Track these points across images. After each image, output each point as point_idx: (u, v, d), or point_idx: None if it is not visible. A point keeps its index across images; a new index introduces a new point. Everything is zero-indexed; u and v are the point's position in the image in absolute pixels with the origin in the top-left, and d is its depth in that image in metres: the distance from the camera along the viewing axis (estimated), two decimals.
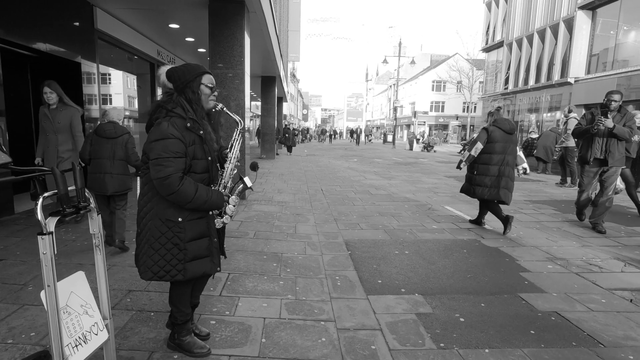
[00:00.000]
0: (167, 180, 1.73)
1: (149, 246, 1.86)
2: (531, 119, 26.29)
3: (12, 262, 3.30)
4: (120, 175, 3.61)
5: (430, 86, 46.13)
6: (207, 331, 2.28)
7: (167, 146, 1.74)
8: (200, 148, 1.86)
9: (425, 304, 2.85)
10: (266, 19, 7.34)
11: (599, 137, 4.65)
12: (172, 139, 1.75)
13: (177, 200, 1.78)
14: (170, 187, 1.74)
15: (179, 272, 1.88)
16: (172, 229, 1.85)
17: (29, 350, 2.06)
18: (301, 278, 3.20)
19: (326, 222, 5.14)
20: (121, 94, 8.65)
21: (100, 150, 3.55)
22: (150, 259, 1.86)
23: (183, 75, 1.86)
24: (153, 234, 1.85)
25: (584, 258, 3.93)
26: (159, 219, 1.85)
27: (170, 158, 1.74)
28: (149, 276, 1.88)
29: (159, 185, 1.76)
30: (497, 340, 2.38)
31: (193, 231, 1.89)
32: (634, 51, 17.89)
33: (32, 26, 5.34)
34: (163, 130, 1.76)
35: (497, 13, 30.93)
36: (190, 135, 1.82)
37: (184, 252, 1.87)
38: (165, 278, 1.88)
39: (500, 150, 4.63)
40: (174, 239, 1.85)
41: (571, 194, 7.83)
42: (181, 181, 1.76)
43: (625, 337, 2.44)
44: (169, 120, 1.79)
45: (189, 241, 1.88)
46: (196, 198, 1.79)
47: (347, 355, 2.15)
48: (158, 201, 1.84)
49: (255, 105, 26.59)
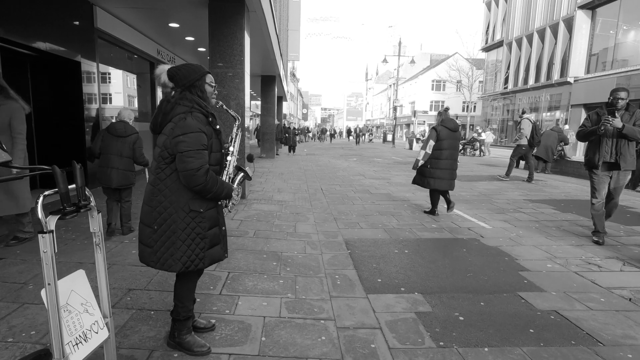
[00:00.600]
0: (198, 171, 1.83)
1: (176, 238, 1.92)
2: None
3: (12, 261, 3.30)
4: (125, 171, 4.00)
5: (430, 85, 46.15)
6: (212, 322, 2.36)
7: (196, 139, 1.84)
8: (217, 141, 1.99)
9: (425, 303, 2.85)
10: (266, 18, 7.33)
11: (607, 139, 4.24)
12: (199, 132, 1.85)
13: (203, 191, 1.88)
14: (200, 179, 1.84)
15: (201, 260, 1.98)
16: (195, 220, 1.94)
17: (29, 349, 2.06)
18: (301, 277, 3.21)
19: (326, 221, 5.14)
20: (121, 93, 8.64)
21: (109, 147, 3.94)
22: (179, 251, 1.93)
23: (189, 74, 1.95)
24: (179, 226, 1.91)
25: (583, 257, 3.94)
26: (182, 211, 1.91)
27: (200, 150, 1.84)
28: (179, 267, 1.94)
29: (188, 176, 1.83)
30: (496, 339, 2.39)
31: (210, 221, 2.00)
32: (634, 51, 17.91)
33: (31, 25, 5.33)
34: (190, 124, 1.85)
35: (497, 12, 30.94)
36: (209, 129, 1.93)
37: (205, 241, 1.98)
38: (190, 268, 1.96)
39: (447, 147, 5.27)
40: (196, 229, 1.95)
41: (570, 193, 7.84)
42: (207, 173, 1.86)
43: (624, 336, 2.45)
44: (191, 115, 1.88)
45: (208, 230, 1.99)
46: (218, 189, 1.92)
47: (346, 354, 2.15)
48: (180, 194, 1.91)
49: (255, 105, 26.59)
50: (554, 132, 11.28)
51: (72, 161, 1.57)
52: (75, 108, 6.58)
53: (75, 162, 1.55)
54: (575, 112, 21.18)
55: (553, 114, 23.77)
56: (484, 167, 13.24)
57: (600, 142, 4.29)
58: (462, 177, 10.29)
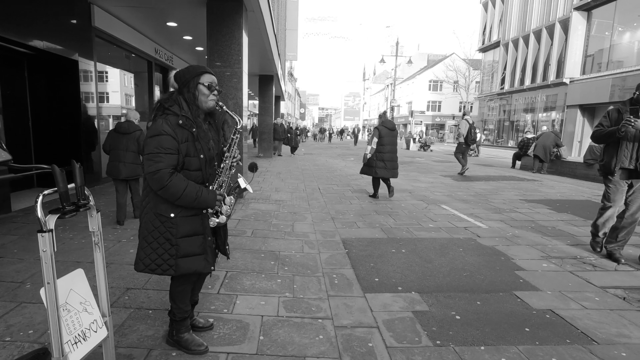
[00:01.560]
0: (156, 174, 1.78)
1: (143, 239, 1.92)
2: (527, 119, 26.43)
3: (9, 260, 3.30)
4: (131, 164, 4.56)
5: (427, 86, 46.26)
6: (211, 321, 2.36)
7: (159, 142, 1.79)
8: (193, 145, 1.88)
9: (422, 302, 2.87)
10: (264, 17, 7.34)
11: (628, 142, 3.66)
12: (164, 135, 1.80)
13: (166, 195, 1.82)
14: (160, 182, 1.78)
15: (170, 267, 1.92)
16: (165, 224, 1.89)
17: (27, 348, 2.06)
18: (299, 276, 3.22)
19: (323, 220, 5.16)
20: (118, 92, 8.62)
21: (117, 143, 4.54)
22: (143, 251, 1.92)
23: (184, 75, 1.92)
24: (147, 227, 1.91)
25: (578, 257, 3.97)
26: (153, 214, 1.90)
27: (160, 154, 1.78)
28: (141, 268, 1.94)
29: (150, 179, 1.81)
30: (492, 337, 2.41)
31: (186, 228, 1.92)
32: (629, 52, 18.04)
33: (29, 23, 5.31)
34: (157, 127, 1.82)
35: (494, 13, 31.05)
36: (183, 132, 1.85)
37: (176, 248, 1.91)
38: (156, 271, 1.92)
39: (388, 143, 6.59)
40: (166, 234, 1.90)
41: (566, 193, 7.90)
42: (170, 177, 1.79)
43: (618, 335, 2.48)
44: (164, 118, 1.85)
45: (181, 237, 1.91)
46: (185, 195, 1.81)
47: (344, 353, 2.17)
48: (153, 196, 1.89)
49: (252, 104, 26.55)
50: (552, 133, 11.60)
51: (71, 160, 1.57)
52: (72, 107, 6.57)
53: (75, 162, 1.56)
54: (571, 112, 21.31)
55: (549, 114, 23.90)
56: (480, 167, 13.30)
57: (620, 145, 3.71)
58: (459, 178, 10.34)
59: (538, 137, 12.01)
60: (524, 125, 25.66)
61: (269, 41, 9.35)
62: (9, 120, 5.61)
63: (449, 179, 9.94)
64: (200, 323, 2.31)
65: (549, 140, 11.28)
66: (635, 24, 17.71)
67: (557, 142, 11.45)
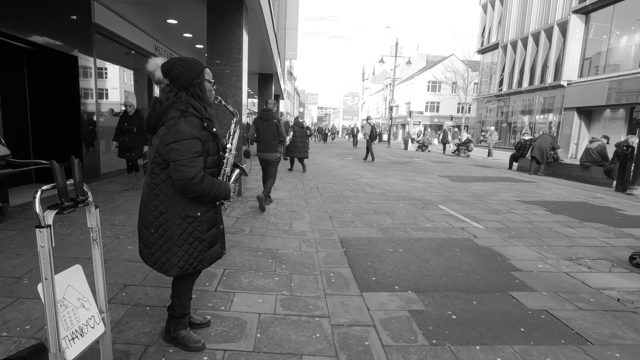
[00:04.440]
0: (193, 180, 1.77)
1: (173, 244, 1.89)
2: (524, 120, 26.53)
3: (6, 256, 3.29)
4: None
5: (426, 86, 46.32)
6: (208, 318, 2.38)
7: (190, 147, 1.76)
8: (214, 145, 1.94)
9: (418, 301, 2.89)
10: (264, 15, 7.33)
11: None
12: (192, 139, 1.78)
13: (200, 197, 1.85)
14: (196, 187, 1.79)
15: (200, 262, 1.97)
16: (192, 224, 1.92)
17: (24, 343, 2.06)
18: (296, 274, 3.23)
19: (321, 219, 5.16)
20: (117, 89, 8.59)
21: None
22: (176, 256, 1.90)
23: (187, 72, 1.84)
24: (175, 232, 1.88)
25: (574, 258, 4.00)
26: (179, 217, 1.88)
27: (193, 159, 1.77)
28: (176, 272, 1.93)
29: (183, 185, 1.78)
30: (488, 337, 2.43)
31: (209, 223, 1.98)
32: (626, 56, 18.13)
33: (28, 18, 5.29)
34: (183, 131, 1.76)
35: (493, 15, 31.14)
36: (205, 133, 1.86)
37: (203, 244, 1.96)
38: (189, 271, 1.95)
39: (299, 135, 10.34)
40: (194, 234, 1.93)
41: (562, 195, 7.94)
42: (202, 179, 1.81)
43: (612, 336, 2.50)
44: (186, 121, 1.79)
45: (206, 232, 1.97)
46: (215, 192, 1.89)
47: (340, 351, 2.18)
48: (176, 200, 1.87)
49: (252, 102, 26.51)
50: (549, 136, 11.78)
51: (70, 156, 1.57)
52: (71, 103, 6.55)
53: (74, 157, 1.56)
54: (568, 115, 21.42)
55: (546, 116, 24.00)
56: (478, 168, 13.34)
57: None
58: (456, 178, 10.37)
59: (535, 139, 12.10)
60: (522, 127, 25.77)
61: (269, 39, 9.34)
62: (8, 115, 5.59)
63: (446, 180, 9.97)
64: (197, 320, 2.32)
65: (546, 143, 11.38)
66: (632, 27, 17.81)
67: (553, 145, 11.54)
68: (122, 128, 6.26)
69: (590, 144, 10.53)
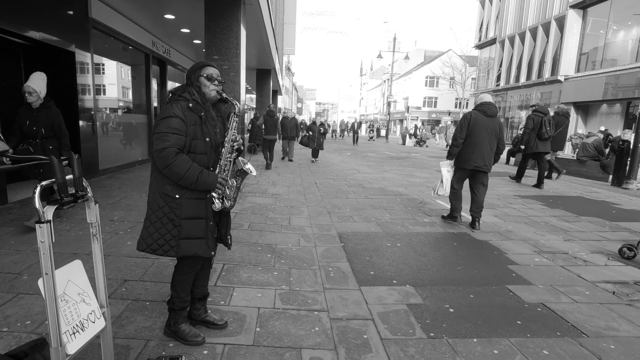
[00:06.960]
0: (162, 152, 1.84)
1: (147, 218, 1.98)
2: (521, 115, 26.54)
3: (6, 251, 3.29)
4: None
5: (424, 82, 46.28)
6: (225, 320, 2.32)
7: (168, 123, 1.88)
8: (200, 129, 1.98)
9: (416, 295, 2.91)
10: (262, 10, 7.30)
11: None
12: (174, 117, 1.89)
13: (170, 174, 1.88)
14: (165, 160, 1.85)
15: (172, 247, 1.96)
16: (169, 204, 1.95)
17: (24, 339, 2.07)
18: (295, 269, 3.25)
19: (320, 214, 5.18)
20: (115, 85, 8.55)
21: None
22: (146, 231, 1.97)
23: (190, 70, 2.09)
24: (151, 207, 1.97)
25: (570, 252, 4.04)
26: (158, 194, 1.96)
27: (168, 133, 1.86)
28: (143, 247, 1.98)
29: (156, 157, 1.87)
30: (485, 330, 2.46)
31: (189, 210, 1.97)
32: (623, 50, 18.14)
33: (24, 13, 5.24)
34: (168, 110, 1.93)
35: (491, 10, 31.04)
36: (192, 115, 1.95)
37: (178, 229, 1.96)
38: (158, 252, 1.96)
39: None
40: (169, 214, 1.95)
41: (559, 189, 7.98)
42: (175, 156, 1.86)
43: (607, 328, 2.54)
44: (175, 102, 1.96)
45: (184, 218, 1.96)
46: (187, 175, 1.88)
47: (339, 344, 2.20)
48: (159, 177, 1.95)
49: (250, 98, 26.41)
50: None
51: (69, 152, 1.58)
52: (69, 98, 6.51)
53: (73, 153, 1.56)
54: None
55: None
56: None
57: None
58: None
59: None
60: (519, 122, 25.79)
61: (267, 35, 9.30)
62: (6, 111, 5.55)
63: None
64: (212, 319, 2.27)
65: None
66: (629, 22, 17.80)
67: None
68: (22, 128, 4.03)
69: (587, 139, 10.58)
